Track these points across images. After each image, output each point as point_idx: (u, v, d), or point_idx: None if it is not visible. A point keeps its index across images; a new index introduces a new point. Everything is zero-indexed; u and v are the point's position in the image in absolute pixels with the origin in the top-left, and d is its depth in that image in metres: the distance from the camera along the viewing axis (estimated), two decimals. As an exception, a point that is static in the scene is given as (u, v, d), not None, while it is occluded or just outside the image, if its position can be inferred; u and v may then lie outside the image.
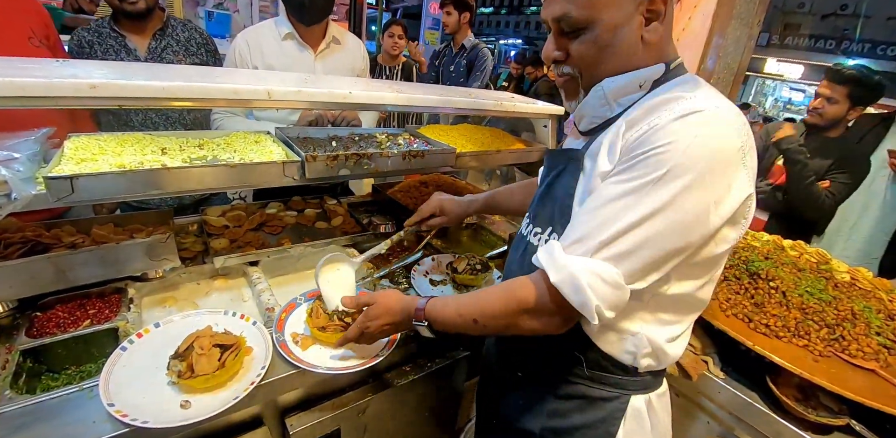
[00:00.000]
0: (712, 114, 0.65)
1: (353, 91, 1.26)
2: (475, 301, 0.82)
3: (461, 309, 0.83)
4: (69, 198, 0.91)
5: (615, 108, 0.78)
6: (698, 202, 0.65)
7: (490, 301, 0.79)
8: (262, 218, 1.53)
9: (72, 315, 1.06)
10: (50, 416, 0.82)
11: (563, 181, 0.84)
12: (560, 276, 0.69)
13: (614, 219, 0.67)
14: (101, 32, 1.77)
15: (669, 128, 0.65)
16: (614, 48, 0.73)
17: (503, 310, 0.77)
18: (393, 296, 0.95)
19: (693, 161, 0.63)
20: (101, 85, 0.91)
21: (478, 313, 0.80)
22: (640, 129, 0.69)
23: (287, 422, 1.03)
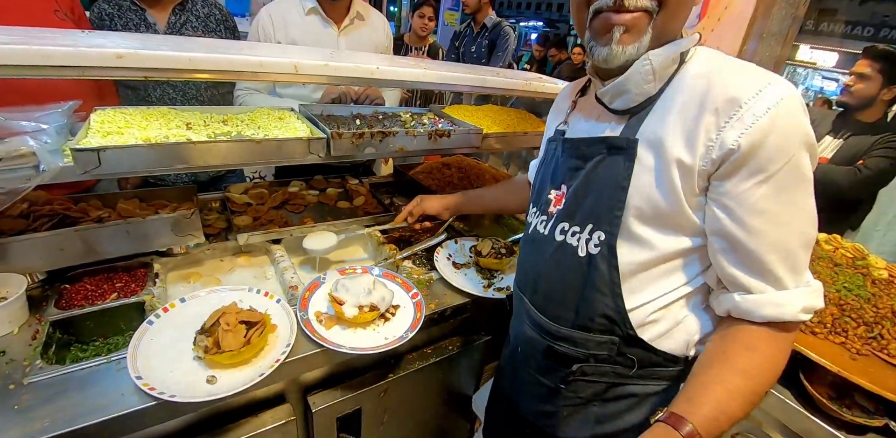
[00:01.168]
0: (798, 97, 0.66)
1: (380, 66, 1.22)
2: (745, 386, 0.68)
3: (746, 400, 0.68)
4: (96, 171, 0.90)
5: (658, 84, 0.73)
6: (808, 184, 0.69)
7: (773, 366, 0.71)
8: (284, 196, 1.52)
9: (99, 288, 1.07)
10: (79, 387, 0.83)
11: (608, 172, 0.76)
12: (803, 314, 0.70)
13: (809, 232, 0.70)
14: (122, 5, 1.74)
15: (788, 125, 0.64)
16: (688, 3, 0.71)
17: (783, 367, 0.72)
18: None
19: (810, 149, 0.67)
20: (127, 54, 0.88)
21: (760, 393, 0.70)
22: (744, 122, 0.64)
23: (309, 400, 1.03)
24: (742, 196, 0.67)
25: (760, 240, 0.67)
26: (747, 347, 0.71)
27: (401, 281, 1.21)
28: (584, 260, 0.79)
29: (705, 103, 0.67)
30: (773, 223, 0.67)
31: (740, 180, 0.67)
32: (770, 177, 0.65)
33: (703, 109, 0.67)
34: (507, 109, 1.91)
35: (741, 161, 0.65)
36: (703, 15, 1.75)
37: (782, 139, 0.64)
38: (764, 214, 0.67)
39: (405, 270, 1.30)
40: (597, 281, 0.78)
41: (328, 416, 1.05)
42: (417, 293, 1.17)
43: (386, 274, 1.23)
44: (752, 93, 0.64)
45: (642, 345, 0.79)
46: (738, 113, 0.64)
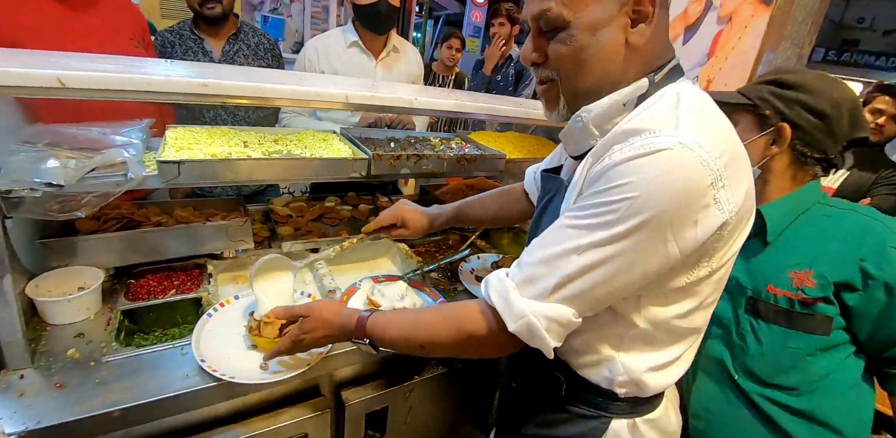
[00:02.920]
0: (675, 154, 0.59)
1: (418, 97, 1.36)
2: (422, 326, 0.79)
3: (406, 333, 0.80)
4: (175, 180, 1.05)
5: (599, 136, 0.72)
6: (654, 244, 0.62)
7: (438, 329, 0.77)
8: (321, 210, 1.65)
9: (160, 284, 1.20)
10: (149, 367, 0.94)
11: (550, 211, 0.82)
12: (517, 325, 0.67)
13: (568, 260, 0.64)
14: (182, 34, 1.96)
15: (629, 165, 0.60)
16: (594, 50, 0.67)
17: (452, 340, 0.75)
18: (331, 308, 0.90)
19: (648, 203, 0.59)
20: (211, 84, 1.03)
21: (425, 339, 0.77)
22: (602, 163, 0.65)
23: (343, 395, 1.13)
24: (563, 215, 0.69)
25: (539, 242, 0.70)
26: (438, 308, 0.82)
27: (428, 291, 1.32)
28: None
29: (596, 152, 0.69)
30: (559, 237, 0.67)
31: (574, 209, 0.67)
32: (580, 200, 0.66)
33: (594, 157, 0.69)
34: (527, 136, 2.05)
35: (585, 188, 0.67)
36: (711, 54, 1.89)
37: (610, 178, 0.61)
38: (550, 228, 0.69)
39: (432, 281, 1.41)
40: None
41: (359, 411, 1.14)
42: (444, 301, 1.27)
43: (414, 284, 1.33)
44: (631, 136, 0.63)
45: (568, 369, 0.81)
46: (602, 160, 0.65)
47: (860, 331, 0.93)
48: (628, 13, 0.65)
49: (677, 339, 0.77)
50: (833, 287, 0.91)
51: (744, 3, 1.75)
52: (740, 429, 1.01)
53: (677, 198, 0.59)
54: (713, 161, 0.59)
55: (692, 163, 0.59)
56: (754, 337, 1.00)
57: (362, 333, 0.83)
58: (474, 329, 0.73)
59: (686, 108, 0.65)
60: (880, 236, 0.89)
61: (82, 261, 1.13)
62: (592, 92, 0.70)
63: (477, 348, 0.76)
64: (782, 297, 0.96)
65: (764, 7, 1.70)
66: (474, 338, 0.73)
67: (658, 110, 0.66)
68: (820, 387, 0.95)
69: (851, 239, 0.92)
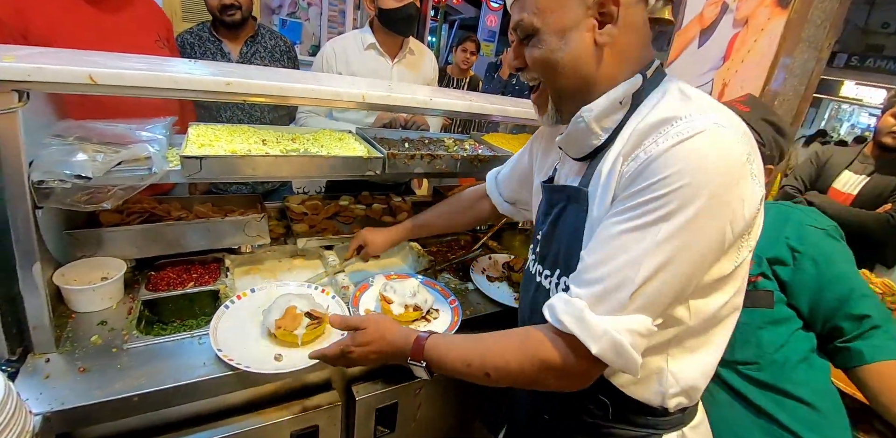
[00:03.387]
0: (713, 133, 0.60)
1: (433, 98, 1.39)
2: (487, 352, 0.73)
3: (469, 358, 0.73)
4: (198, 175, 1.08)
5: (602, 135, 0.73)
6: (715, 228, 0.61)
7: (506, 356, 0.71)
8: (335, 208, 1.68)
9: (179, 276, 1.23)
10: (168, 355, 0.97)
11: (568, 221, 0.79)
12: (601, 346, 0.62)
13: (635, 266, 0.61)
14: (202, 36, 2.02)
15: (670, 155, 0.60)
16: (564, 52, 0.70)
17: (521, 369, 0.69)
18: (389, 325, 0.85)
19: (702, 187, 0.58)
20: (234, 82, 1.07)
21: (491, 367, 0.72)
22: (637, 159, 0.64)
23: (354, 389, 1.14)
24: (610, 220, 0.66)
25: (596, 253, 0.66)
26: (505, 334, 0.74)
27: (440, 289, 1.33)
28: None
29: (624, 147, 0.68)
30: (596, 238, 0.66)
31: (621, 211, 0.64)
32: (624, 200, 0.64)
33: (625, 157, 0.67)
34: (540, 139, 2.06)
35: (624, 188, 0.65)
36: (727, 58, 1.89)
37: (654, 171, 0.60)
38: (597, 232, 0.66)
39: (443, 280, 1.42)
40: None
41: (369, 406, 1.15)
42: (455, 300, 1.28)
43: (426, 282, 1.35)
44: (659, 128, 0.63)
45: (613, 391, 0.77)
46: (636, 152, 0.64)
47: (801, 304, 1.01)
48: (594, 15, 0.68)
49: (716, 331, 0.75)
50: (766, 263, 1.02)
51: (760, 5, 1.74)
52: (716, 407, 1.01)
53: (725, 177, 0.59)
54: (742, 136, 0.62)
55: (729, 140, 0.60)
56: None
57: (420, 355, 0.77)
58: (552, 357, 0.67)
59: (697, 96, 0.68)
60: (798, 218, 1.04)
61: (106, 253, 1.17)
62: (575, 91, 0.74)
63: (554, 378, 0.69)
64: None
65: (781, 10, 1.69)
66: (552, 368, 0.67)
67: (673, 101, 0.67)
68: (777, 360, 1.01)
69: (777, 223, 1.04)
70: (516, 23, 0.73)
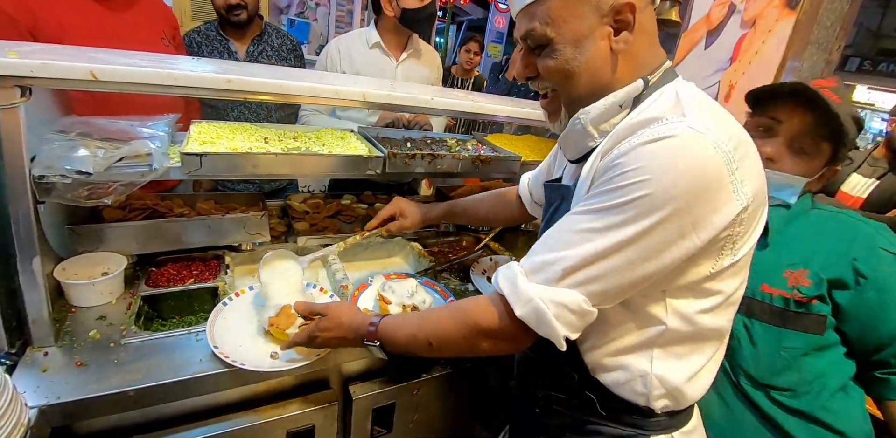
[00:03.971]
0: (685, 138, 0.59)
1: (435, 97, 1.38)
2: (429, 322, 0.78)
3: (413, 330, 0.79)
4: (197, 172, 1.08)
5: (598, 137, 0.73)
6: (673, 227, 0.60)
7: (445, 323, 0.76)
8: (337, 207, 1.68)
9: (179, 273, 1.24)
10: (165, 351, 0.97)
11: (559, 218, 0.79)
12: (525, 310, 0.66)
13: (580, 245, 0.63)
14: (209, 35, 2.04)
15: (639, 151, 0.61)
16: (579, 61, 0.69)
17: (460, 333, 0.74)
18: (345, 311, 0.91)
19: (666, 188, 0.58)
20: (235, 80, 1.07)
21: (433, 336, 0.76)
22: (609, 155, 0.66)
23: (350, 389, 1.14)
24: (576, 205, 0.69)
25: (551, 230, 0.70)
26: (447, 305, 0.76)
27: (439, 289, 1.33)
28: None
29: (604, 146, 0.69)
30: (571, 223, 0.67)
31: (586, 198, 0.67)
32: (600, 193, 0.64)
33: (602, 154, 0.69)
34: (544, 139, 2.05)
35: (596, 179, 0.67)
36: (734, 59, 1.87)
37: (619, 165, 0.62)
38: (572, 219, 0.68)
39: (443, 280, 1.42)
40: None
41: (366, 406, 1.15)
42: (454, 300, 1.27)
43: (426, 283, 1.34)
44: (638, 128, 0.64)
45: (601, 388, 0.78)
46: (611, 153, 0.65)
47: (851, 331, 0.94)
48: (609, 23, 0.68)
49: (704, 340, 0.75)
50: (827, 284, 0.93)
51: (768, 6, 1.72)
52: (744, 432, 0.99)
53: (692, 182, 0.58)
54: (723, 143, 0.60)
55: (703, 145, 0.59)
56: (748, 338, 1.00)
57: (374, 335, 0.83)
58: (482, 319, 0.71)
59: (687, 100, 0.67)
60: (869, 237, 0.94)
61: (107, 248, 1.18)
62: (588, 98, 0.73)
63: (487, 341, 0.73)
64: (778, 297, 0.97)
65: (789, 11, 1.67)
66: (482, 329, 0.72)
67: (662, 104, 0.68)
68: (814, 388, 0.96)
69: (842, 239, 0.95)
70: (526, 32, 0.71)
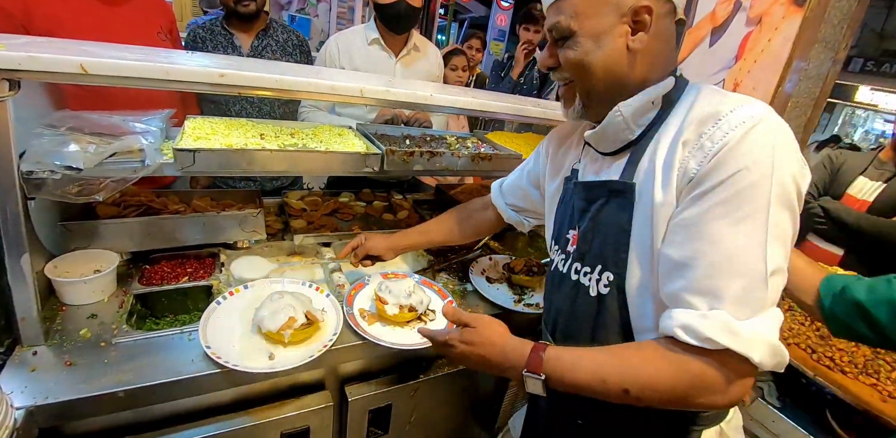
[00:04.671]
0: (773, 121, 0.65)
1: (434, 94, 1.36)
2: (627, 366, 0.67)
3: (605, 373, 0.67)
4: (190, 168, 1.06)
5: (636, 130, 0.77)
6: (795, 203, 0.65)
7: (652, 371, 0.65)
8: (335, 205, 1.66)
9: (174, 271, 1.22)
10: (156, 351, 0.95)
11: (611, 216, 0.78)
12: (761, 353, 0.60)
13: (757, 259, 0.62)
14: (213, 30, 2.00)
15: (745, 145, 0.63)
16: (597, 54, 0.73)
17: (673, 385, 0.64)
18: (498, 329, 0.80)
19: (781, 177, 0.62)
20: (228, 74, 1.05)
21: (632, 383, 0.65)
22: (704, 148, 0.66)
23: (347, 390, 1.12)
24: (676, 215, 0.68)
25: (677, 251, 0.66)
26: (638, 346, 0.71)
27: (437, 289, 1.30)
28: (596, 300, 0.79)
29: (679, 138, 0.70)
30: (695, 237, 0.64)
31: (683, 203, 0.67)
32: (707, 192, 0.64)
33: (675, 145, 0.70)
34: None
35: (694, 186, 0.66)
36: (739, 57, 1.83)
37: (736, 159, 0.63)
38: (688, 228, 0.65)
39: (441, 280, 1.40)
40: (608, 320, 0.78)
41: (362, 407, 1.13)
42: (452, 301, 1.25)
43: (424, 282, 1.32)
44: (716, 119, 0.66)
45: None
46: (700, 140, 0.67)
47: None
48: (628, 23, 0.72)
49: None
50: None
51: (775, 4, 1.69)
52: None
53: (792, 163, 0.64)
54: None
55: (783, 125, 0.66)
56: None
57: (539, 368, 0.71)
58: (703, 371, 0.63)
59: (734, 94, 0.72)
60: None
61: (100, 245, 1.16)
62: (604, 91, 0.77)
63: (706, 394, 0.64)
64: None
65: (796, 8, 1.64)
66: (704, 382, 0.63)
67: (712, 96, 0.72)
68: None
69: None
70: (552, 24, 0.76)
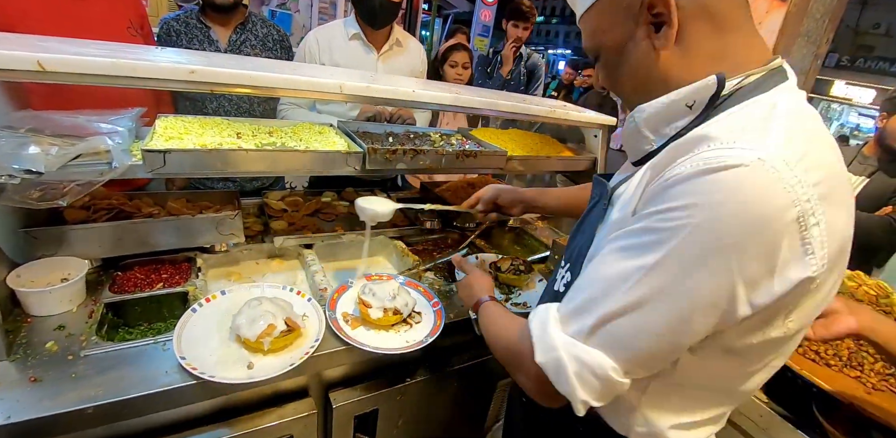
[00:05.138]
0: (752, 173, 0.48)
1: (416, 90, 1.32)
2: (502, 326, 0.82)
3: (494, 326, 0.84)
4: (161, 170, 1.01)
5: (655, 140, 0.66)
6: (718, 284, 0.51)
7: (503, 337, 0.79)
8: (317, 205, 1.62)
9: (147, 277, 1.17)
10: (128, 363, 0.91)
11: (592, 217, 0.76)
12: (546, 358, 0.61)
13: (613, 293, 0.56)
14: (189, 23, 1.91)
15: (691, 184, 0.51)
16: (625, 66, 0.67)
17: (505, 354, 0.76)
18: (481, 279, 1.05)
19: (715, 235, 0.49)
20: (198, 70, 1.00)
21: (495, 340, 0.81)
22: (662, 178, 0.55)
23: (331, 396, 1.09)
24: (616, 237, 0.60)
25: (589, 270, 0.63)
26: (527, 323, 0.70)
27: (423, 290, 1.28)
28: (557, 294, 0.78)
29: (660, 160, 0.61)
30: (608, 265, 0.59)
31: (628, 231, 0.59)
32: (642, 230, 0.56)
33: (654, 170, 0.61)
34: (531, 134, 2.00)
35: (642, 207, 0.58)
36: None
37: (689, 206, 0.51)
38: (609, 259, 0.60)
39: (427, 280, 1.37)
40: None
41: (347, 413, 1.10)
42: (438, 302, 1.23)
43: (409, 283, 1.29)
44: (716, 141, 0.53)
45: (591, 411, 0.68)
46: (666, 170, 0.56)
47: None
48: (647, 21, 0.62)
49: (721, 400, 0.70)
50: None
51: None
52: None
53: (749, 233, 0.48)
54: (803, 188, 0.48)
55: (772, 186, 0.48)
56: None
57: (478, 306, 0.95)
58: (520, 350, 0.68)
59: (782, 116, 0.54)
60: None
61: (68, 252, 1.10)
62: (642, 98, 0.67)
63: (522, 375, 0.70)
64: None
65: (780, 3, 1.64)
66: (518, 360, 0.69)
67: (744, 118, 0.56)
68: None
69: None
70: (585, 48, 0.74)
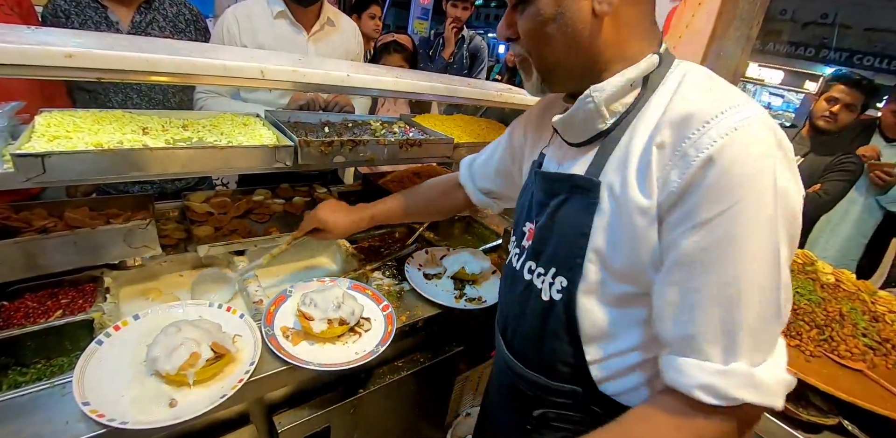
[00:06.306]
0: (767, 128, 0.56)
1: (350, 74, 1.20)
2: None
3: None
4: (40, 179, 0.84)
5: (609, 119, 0.67)
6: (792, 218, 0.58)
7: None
8: (248, 205, 1.46)
9: (42, 304, 0.99)
10: (18, 415, 0.75)
11: (571, 215, 0.71)
12: (782, 395, 0.58)
13: (768, 305, 0.57)
14: (80, 2, 1.63)
15: (743, 166, 0.54)
16: (559, 22, 0.63)
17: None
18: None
19: (785, 199, 0.56)
20: (78, 54, 0.83)
21: None
22: (687, 157, 0.57)
23: (275, 420, 0.98)
24: (671, 244, 0.59)
25: (681, 291, 0.59)
26: (642, 416, 0.63)
27: (371, 293, 1.18)
28: (547, 304, 0.74)
29: (655, 136, 0.61)
30: (698, 276, 0.58)
31: (673, 226, 0.59)
32: (706, 223, 0.56)
33: (651, 143, 0.61)
34: (477, 119, 1.93)
35: (677, 201, 0.58)
36: (665, 32, 1.83)
37: (733, 187, 0.55)
38: (692, 267, 0.58)
39: (375, 281, 1.27)
40: (557, 328, 0.73)
41: (295, 436, 1.00)
42: (388, 305, 1.14)
43: (356, 286, 1.19)
44: (701, 122, 0.57)
45: (606, 400, 0.73)
46: (682, 147, 0.58)
47: None
48: None
49: None
50: None
51: (696, -24, 1.68)
52: None
53: (791, 169, 0.58)
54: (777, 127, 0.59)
55: (779, 131, 0.58)
56: None
57: None
58: (721, 430, 0.58)
59: (723, 85, 0.63)
60: None
61: (-68, 282, 0.91)
62: (569, 64, 0.67)
63: None
64: None
65: (715, -19, 1.64)
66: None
67: (700, 86, 0.63)
68: None
69: None
70: None
